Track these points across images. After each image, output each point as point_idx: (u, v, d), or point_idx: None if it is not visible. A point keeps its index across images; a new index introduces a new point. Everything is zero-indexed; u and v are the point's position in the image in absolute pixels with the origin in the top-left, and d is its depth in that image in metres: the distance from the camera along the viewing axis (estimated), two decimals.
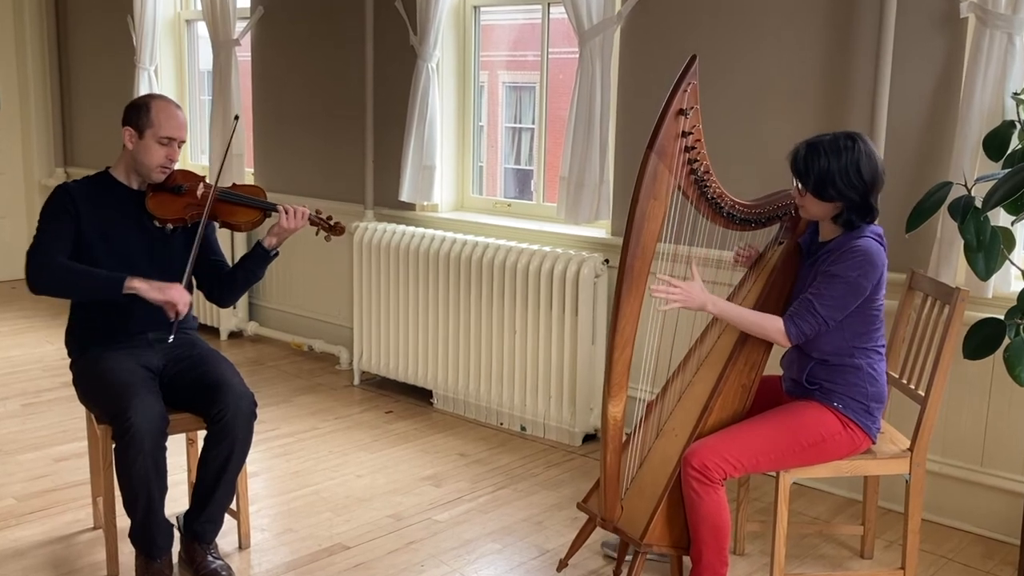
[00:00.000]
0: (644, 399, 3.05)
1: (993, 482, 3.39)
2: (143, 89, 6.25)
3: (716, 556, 2.70)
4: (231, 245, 5.57)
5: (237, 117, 3.83)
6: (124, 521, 2.90)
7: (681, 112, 2.65)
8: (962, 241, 2.94)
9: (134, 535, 2.89)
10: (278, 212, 3.11)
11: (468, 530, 3.40)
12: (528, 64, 5.30)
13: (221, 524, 3.05)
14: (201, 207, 3.03)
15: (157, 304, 2.91)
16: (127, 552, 2.98)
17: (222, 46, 5.58)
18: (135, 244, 3.03)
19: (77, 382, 3.07)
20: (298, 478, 3.83)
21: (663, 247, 2.82)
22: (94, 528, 3.33)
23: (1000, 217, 3.09)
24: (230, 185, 3.22)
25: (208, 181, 3.12)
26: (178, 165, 3.14)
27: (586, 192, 4.11)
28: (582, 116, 4.08)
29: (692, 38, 3.88)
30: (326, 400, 4.79)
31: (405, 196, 4.82)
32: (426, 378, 4.71)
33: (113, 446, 2.79)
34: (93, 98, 7.05)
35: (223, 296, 3.22)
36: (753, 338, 2.83)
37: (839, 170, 2.66)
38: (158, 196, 3.04)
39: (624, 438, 2.84)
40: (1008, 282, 3.24)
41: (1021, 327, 2.87)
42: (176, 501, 3.31)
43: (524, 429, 4.38)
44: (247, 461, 3.03)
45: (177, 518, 3.09)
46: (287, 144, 5.61)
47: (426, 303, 4.64)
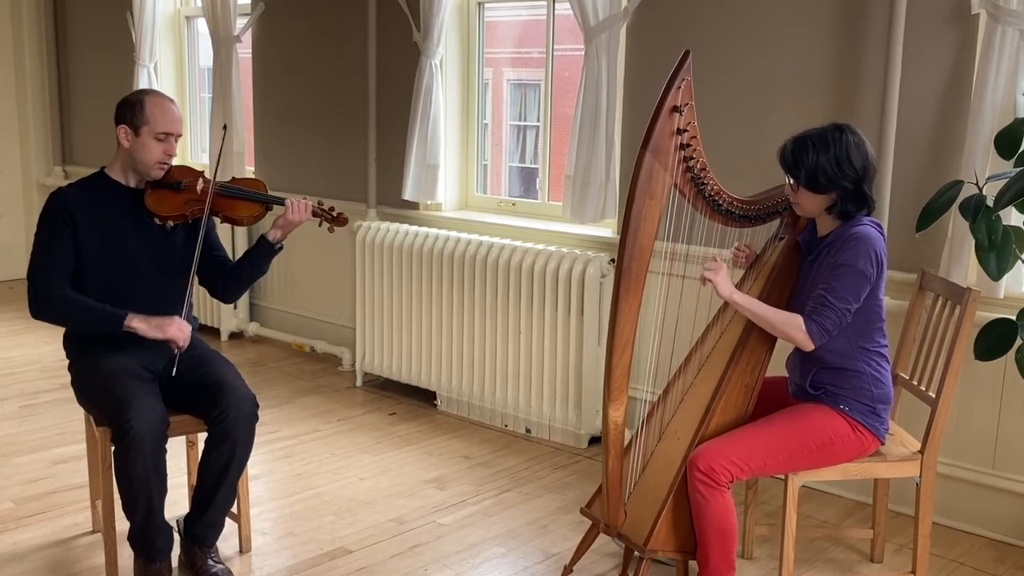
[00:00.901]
0: (646, 400, 3.02)
1: (1005, 485, 3.36)
2: (143, 87, 6.22)
3: (723, 560, 2.68)
4: (231, 240, 5.54)
5: (225, 127, 3.79)
6: (123, 524, 2.88)
7: (675, 109, 2.64)
8: (973, 241, 2.92)
9: (133, 538, 2.87)
10: (281, 205, 3.08)
11: (472, 534, 3.38)
12: (533, 61, 5.26)
13: (222, 528, 3.03)
14: (202, 203, 3.00)
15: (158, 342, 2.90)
16: (126, 556, 2.96)
17: (222, 43, 5.55)
18: (135, 244, 3.00)
19: (76, 383, 3.05)
20: (300, 481, 3.81)
21: (661, 246, 2.79)
22: (93, 531, 3.31)
23: (1012, 216, 3.07)
24: (229, 179, 3.19)
25: (207, 176, 3.08)
26: (177, 163, 3.11)
27: (592, 191, 4.08)
28: (588, 114, 4.06)
29: (698, 34, 3.85)
30: (328, 402, 4.76)
31: (408, 195, 4.79)
32: (430, 379, 4.68)
33: (112, 448, 2.78)
34: (92, 96, 7.01)
35: (227, 291, 3.20)
36: (755, 338, 2.80)
37: (828, 161, 2.67)
38: (157, 193, 3.01)
39: (627, 441, 2.81)
40: (1020, 282, 3.22)
41: None
42: (176, 504, 3.29)
43: (529, 431, 4.35)
44: (248, 464, 3.02)
45: (177, 521, 3.07)
46: (288, 142, 5.58)
47: (430, 303, 4.61)
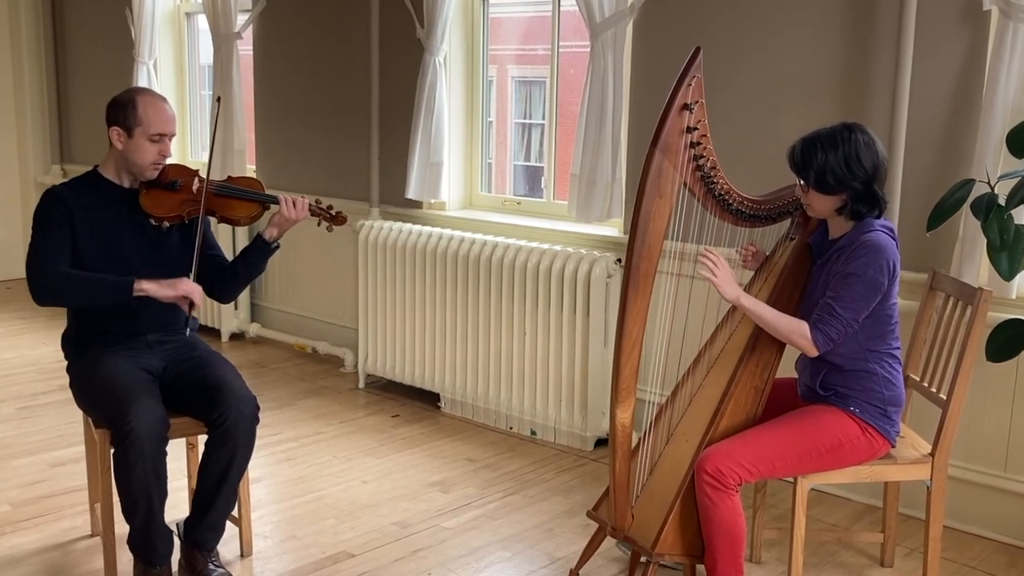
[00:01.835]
0: (654, 401, 2.99)
1: (1017, 488, 3.34)
2: (142, 84, 6.19)
3: (731, 564, 2.66)
4: (232, 239, 5.50)
5: (219, 99, 3.76)
6: (122, 528, 2.86)
7: (686, 107, 2.61)
8: (985, 240, 2.91)
9: (133, 542, 2.85)
10: (278, 203, 3.04)
11: (476, 537, 3.36)
12: (538, 58, 5.24)
13: (222, 531, 3.01)
14: (197, 203, 2.97)
15: (170, 302, 2.86)
16: (126, 560, 2.94)
17: (223, 39, 5.53)
18: (130, 244, 2.98)
19: (75, 385, 3.03)
20: (301, 484, 3.79)
21: (670, 245, 2.76)
22: (92, 535, 3.29)
23: None
24: (225, 178, 3.14)
25: (203, 176, 3.04)
26: (175, 162, 3.08)
27: (598, 189, 4.06)
28: (594, 111, 4.03)
29: (707, 31, 3.82)
30: (330, 404, 4.73)
31: (412, 194, 4.76)
32: (433, 381, 4.65)
33: (112, 451, 2.75)
34: (90, 93, 6.98)
35: (224, 291, 3.17)
36: (765, 339, 2.78)
37: (837, 161, 2.65)
38: (152, 193, 2.97)
39: (634, 443, 2.78)
40: None
41: None
42: (176, 507, 3.26)
43: (534, 433, 4.31)
44: (249, 466, 2.99)
45: (177, 525, 3.05)
46: (290, 140, 5.56)
47: (433, 304, 4.58)
